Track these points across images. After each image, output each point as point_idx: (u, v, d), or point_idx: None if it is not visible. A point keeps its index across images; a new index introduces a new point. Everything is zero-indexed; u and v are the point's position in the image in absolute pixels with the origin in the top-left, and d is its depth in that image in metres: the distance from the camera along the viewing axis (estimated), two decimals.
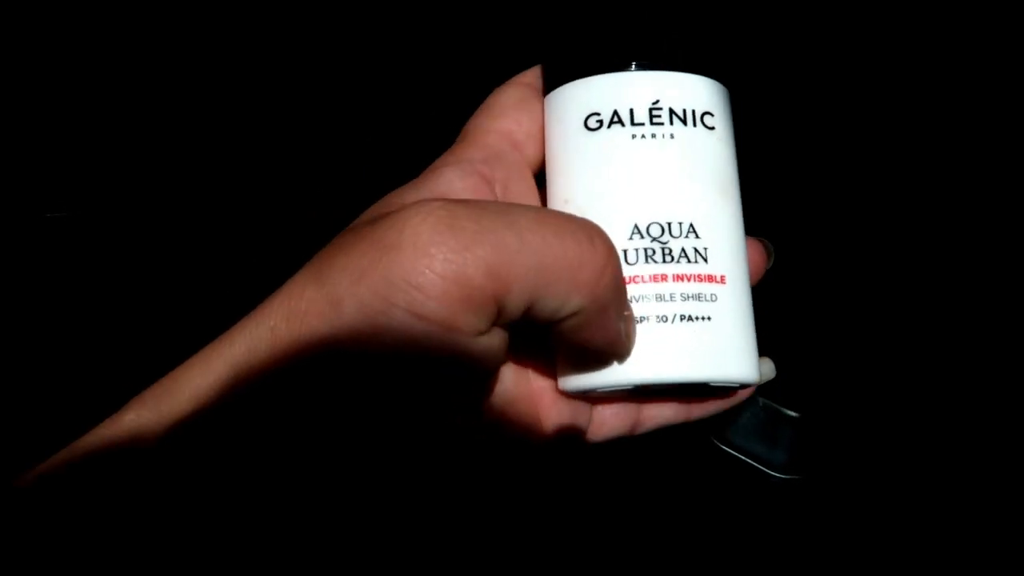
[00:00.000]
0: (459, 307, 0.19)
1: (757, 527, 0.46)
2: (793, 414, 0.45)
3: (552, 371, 0.26)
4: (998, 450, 0.47)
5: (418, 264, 0.18)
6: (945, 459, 0.47)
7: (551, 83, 0.27)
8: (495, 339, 0.21)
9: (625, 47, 0.25)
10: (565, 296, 0.20)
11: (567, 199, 0.25)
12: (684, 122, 0.25)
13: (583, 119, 0.25)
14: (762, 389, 0.45)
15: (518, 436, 0.25)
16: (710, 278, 0.24)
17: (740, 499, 0.46)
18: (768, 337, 0.30)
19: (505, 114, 0.26)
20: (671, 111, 0.25)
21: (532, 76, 0.28)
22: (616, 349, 0.23)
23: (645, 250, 0.24)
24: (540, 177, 0.28)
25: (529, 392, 0.26)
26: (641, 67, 0.25)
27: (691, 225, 0.24)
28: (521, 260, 0.19)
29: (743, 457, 0.46)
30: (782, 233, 0.30)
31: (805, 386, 0.46)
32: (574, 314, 0.21)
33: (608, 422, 0.27)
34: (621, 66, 0.25)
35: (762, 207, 0.27)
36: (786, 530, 0.46)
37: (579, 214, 0.24)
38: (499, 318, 0.20)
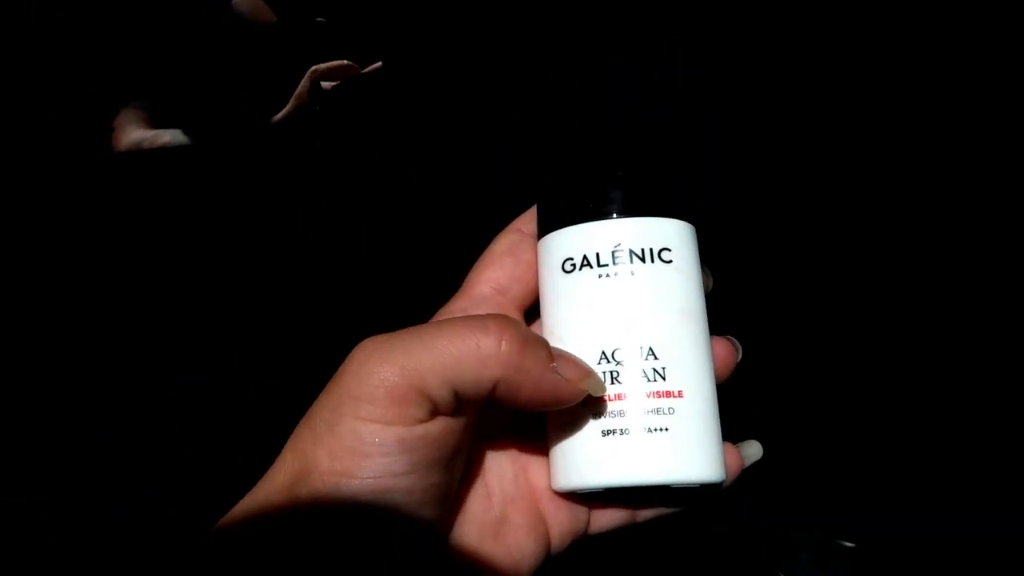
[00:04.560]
0: (388, 404, 0.25)
1: None
2: (849, 545, 0.44)
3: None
4: None
5: (354, 380, 0.25)
6: None
7: (540, 232, 0.31)
8: (435, 426, 0.25)
9: (588, 202, 0.30)
10: (477, 372, 0.25)
11: (551, 331, 0.29)
12: (643, 259, 0.29)
13: (560, 263, 0.30)
14: (818, 525, 0.44)
15: (523, 529, 0.28)
16: (668, 394, 0.27)
17: None
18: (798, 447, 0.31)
19: (494, 262, 0.31)
20: (631, 251, 0.29)
21: (524, 221, 0.32)
22: (562, 394, 0.26)
23: (610, 373, 0.27)
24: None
25: (529, 491, 0.29)
26: (603, 217, 0.29)
27: (650, 348, 0.27)
28: (428, 356, 0.25)
29: None
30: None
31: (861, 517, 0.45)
32: (498, 384, 0.25)
33: (608, 512, 0.30)
34: (588, 217, 0.29)
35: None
36: None
37: (560, 345, 0.28)
38: (437, 407, 0.25)
